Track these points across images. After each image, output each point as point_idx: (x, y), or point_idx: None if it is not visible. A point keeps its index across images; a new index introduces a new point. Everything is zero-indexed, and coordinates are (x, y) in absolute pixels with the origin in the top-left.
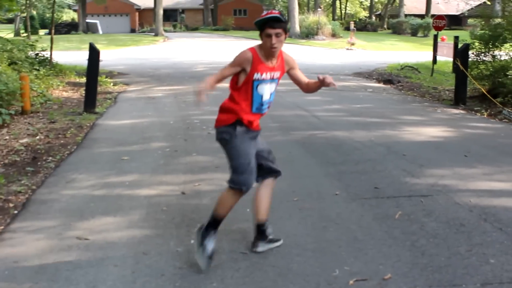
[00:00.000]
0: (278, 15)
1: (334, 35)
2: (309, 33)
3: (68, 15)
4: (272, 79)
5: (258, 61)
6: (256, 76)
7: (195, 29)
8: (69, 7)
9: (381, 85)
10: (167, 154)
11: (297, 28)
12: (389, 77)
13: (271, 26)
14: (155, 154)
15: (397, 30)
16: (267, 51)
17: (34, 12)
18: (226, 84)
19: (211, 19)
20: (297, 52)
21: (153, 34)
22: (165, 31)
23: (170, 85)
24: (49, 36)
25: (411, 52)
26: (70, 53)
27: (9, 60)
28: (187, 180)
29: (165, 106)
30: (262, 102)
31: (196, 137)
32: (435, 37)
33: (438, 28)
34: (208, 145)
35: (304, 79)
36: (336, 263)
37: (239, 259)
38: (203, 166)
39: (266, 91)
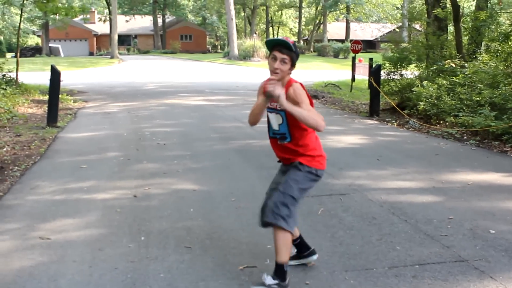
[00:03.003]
0: (290, 42)
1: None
2: (246, 55)
3: (33, 40)
4: (274, 109)
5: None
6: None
7: (146, 52)
8: (34, 32)
9: None
10: (120, 162)
11: (236, 51)
12: (315, 93)
13: (279, 50)
14: (110, 163)
15: (321, 52)
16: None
17: (1, 37)
18: (172, 100)
19: (161, 43)
20: (235, 72)
21: (109, 56)
22: (120, 54)
23: (124, 101)
24: (15, 59)
25: (334, 71)
26: (35, 74)
27: None
28: (139, 185)
29: (119, 120)
30: (274, 130)
31: (146, 147)
32: (353, 58)
33: (356, 51)
34: (157, 154)
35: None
36: (268, 254)
37: (183, 252)
38: (153, 172)
39: (273, 121)
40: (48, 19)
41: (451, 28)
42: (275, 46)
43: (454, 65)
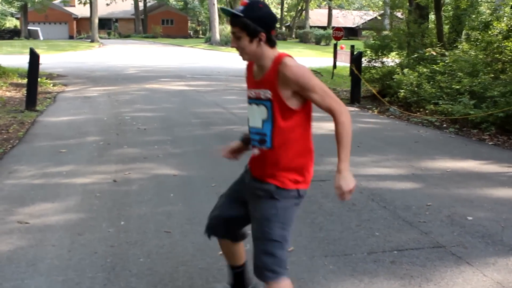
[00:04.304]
0: (240, 7)
1: None
2: (228, 41)
3: (11, 22)
4: (256, 99)
5: (249, 71)
6: (247, 92)
7: (127, 36)
8: (12, 15)
9: None
10: (100, 147)
11: (218, 37)
12: None
13: (231, 23)
14: (89, 147)
15: (303, 39)
16: None
17: None
18: (152, 85)
19: (142, 28)
20: (217, 58)
21: (90, 40)
22: (100, 38)
23: (104, 85)
24: None
25: (315, 58)
26: (13, 57)
27: None
28: (118, 170)
29: (100, 105)
30: (250, 128)
31: (127, 131)
32: (335, 45)
33: (337, 38)
34: (137, 139)
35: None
36: (248, 240)
37: (163, 237)
38: (133, 157)
39: (252, 114)
40: (27, 1)
41: (432, 16)
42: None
43: (434, 53)
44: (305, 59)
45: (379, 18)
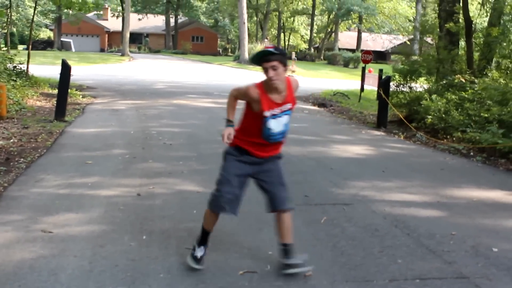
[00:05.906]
0: (271, 49)
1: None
2: None
3: (45, 33)
4: (287, 111)
5: (265, 98)
6: (266, 113)
7: (157, 51)
8: (46, 26)
9: (316, 108)
10: (126, 160)
11: (246, 55)
12: (323, 101)
13: (265, 60)
14: (115, 160)
15: (331, 61)
16: (270, 85)
17: (14, 29)
18: (180, 101)
19: (172, 44)
20: (245, 76)
21: (120, 54)
22: (131, 52)
23: (132, 99)
24: (26, 51)
25: (343, 81)
26: (45, 67)
27: None
28: (143, 183)
29: (127, 118)
30: (280, 132)
31: (152, 146)
32: (363, 69)
33: (366, 61)
34: (163, 153)
35: None
36: (269, 260)
37: (184, 254)
38: (158, 171)
39: (283, 123)
40: (61, 13)
41: (462, 43)
42: (260, 59)
43: (464, 80)
44: (332, 81)
45: (408, 43)
